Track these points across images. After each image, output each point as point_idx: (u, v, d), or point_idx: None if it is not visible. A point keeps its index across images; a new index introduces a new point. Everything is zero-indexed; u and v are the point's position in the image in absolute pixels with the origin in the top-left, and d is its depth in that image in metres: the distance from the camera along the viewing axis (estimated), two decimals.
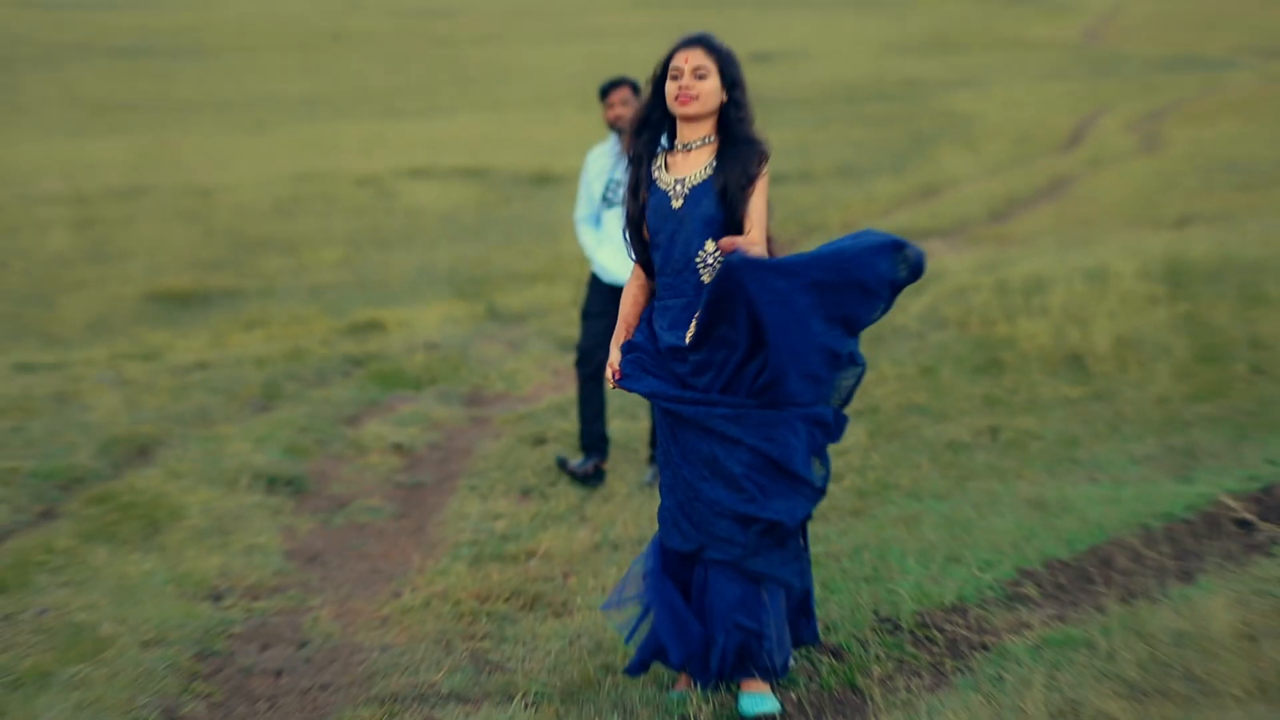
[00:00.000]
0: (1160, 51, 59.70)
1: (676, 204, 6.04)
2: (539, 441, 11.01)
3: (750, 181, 5.94)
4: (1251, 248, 13.95)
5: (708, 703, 6.00)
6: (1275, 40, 62.22)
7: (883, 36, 69.52)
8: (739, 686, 6.01)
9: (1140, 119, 38.04)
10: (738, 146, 5.98)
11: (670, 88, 5.99)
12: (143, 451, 10.47)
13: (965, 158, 31.80)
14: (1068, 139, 34.90)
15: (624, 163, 10.00)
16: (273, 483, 9.79)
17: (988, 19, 79.99)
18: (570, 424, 11.28)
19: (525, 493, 9.83)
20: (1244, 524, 7.62)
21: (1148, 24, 74.76)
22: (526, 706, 6.11)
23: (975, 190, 27.54)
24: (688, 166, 6.04)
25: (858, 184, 29.01)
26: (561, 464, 10.10)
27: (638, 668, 6.21)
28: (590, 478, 10.01)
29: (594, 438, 10.14)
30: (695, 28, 6.33)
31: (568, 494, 9.70)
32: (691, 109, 5.96)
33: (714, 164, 5.99)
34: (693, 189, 6.01)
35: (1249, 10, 79.57)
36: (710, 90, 5.97)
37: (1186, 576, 7.03)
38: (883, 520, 8.32)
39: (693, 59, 5.96)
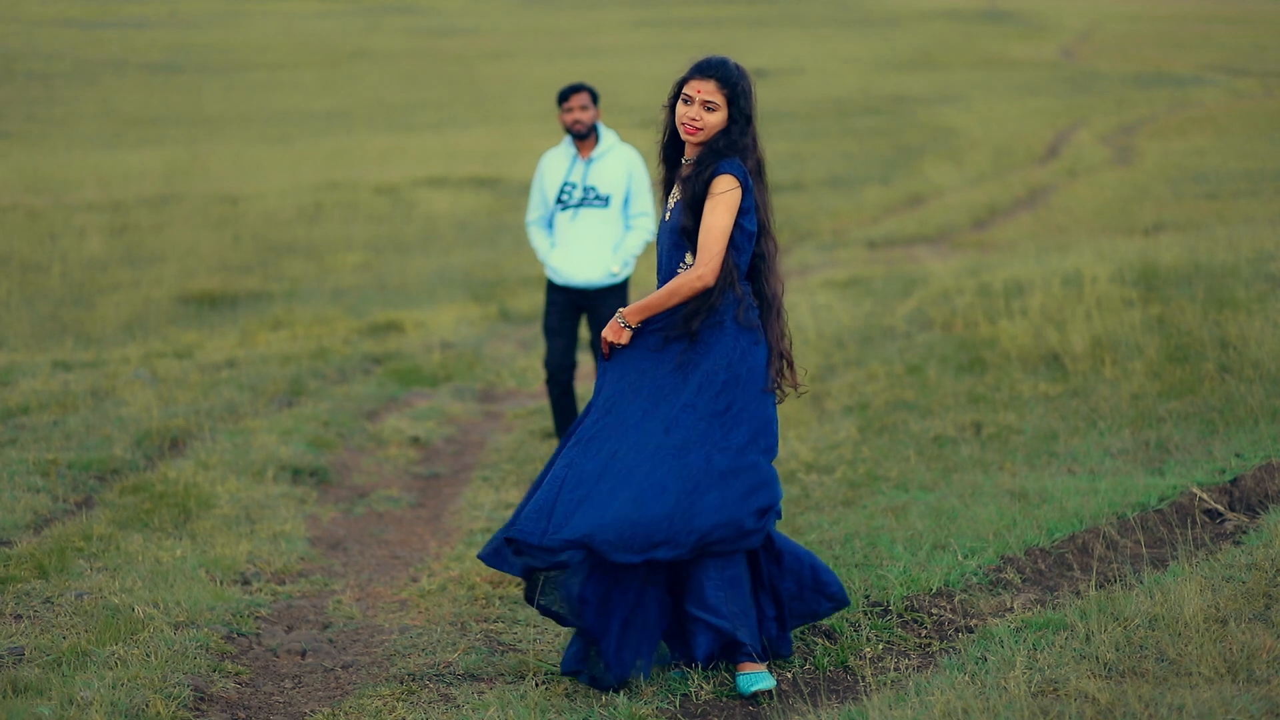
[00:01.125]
0: (1133, 69, 59.65)
1: (667, 217, 6.04)
2: (548, 435, 11.00)
3: (697, 196, 5.89)
4: (1219, 254, 13.92)
5: (709, 681, 5.99)
6: (1241, 59, 62.18)
7: (871, 55, 69.48)
8: (735, 667, 5.99)
9: (1114, 133, 38.02)
10: (702, 165, 5.94)
11: (681, 111, 5.96)
12: (175, 444, 10.46)
13: (949, 169, 31.79)
14: (1045, 152, 34.88)
15: (578, 165, 9.93)
16: (298, 474, 9.78)
17: (970, 38, 79.92)
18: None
19: None
20: (1213, 514, 7.61)
21: (1121, 43, 74.71)
22: (537, 685, 6.10)
23: (959, 199, 27.53)
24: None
25: (848, 193, 29.01)
26: None
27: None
28: None
29: None
30: (694, 47, 6.32)
31: None
32: (696, 139, 5.95)
33: None
34: (675, 203, 6.01)
35: (1216, 31, 79.50)
36: (716, 122, 5.93)
37: (1159, 563, 7.02)
38: (872, 510, 8.31)
39: (705, 91, 5.91)
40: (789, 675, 6.11)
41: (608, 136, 9.95)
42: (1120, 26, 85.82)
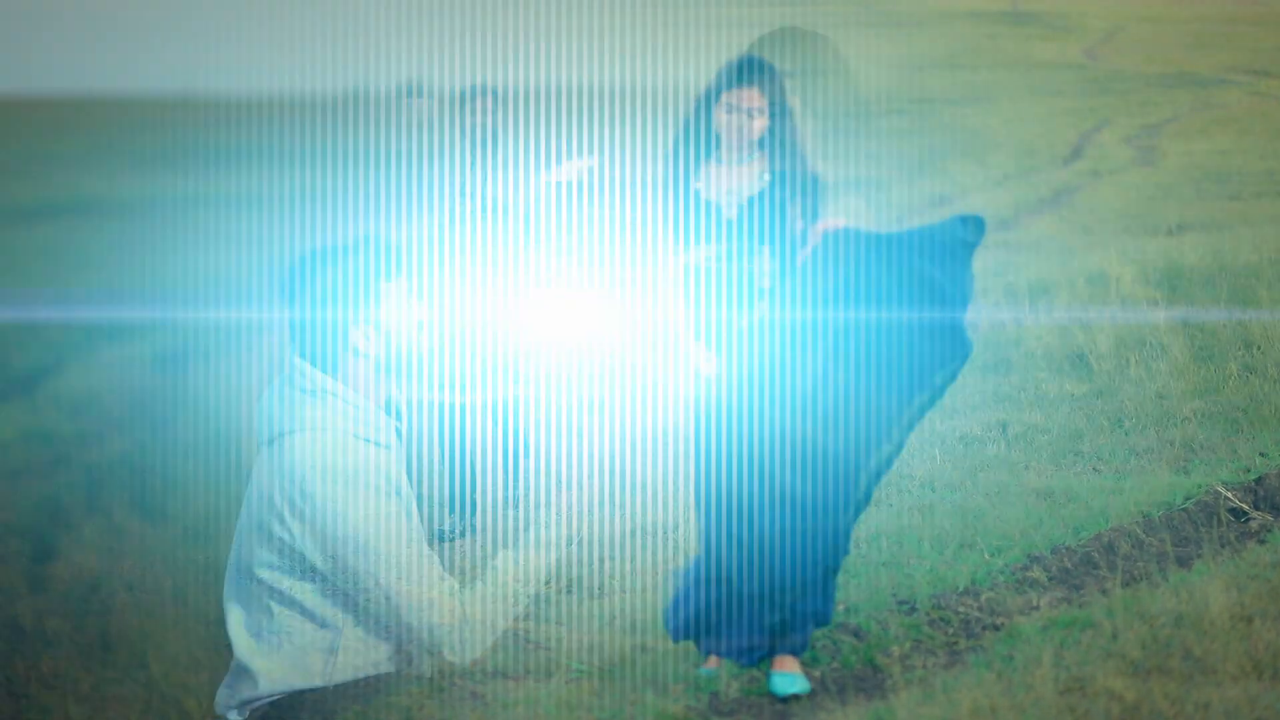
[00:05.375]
0: (1156, 70, 59.47)
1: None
2: None
3: None
4: (1243, 254, 13.89)
5: (736, 679, 5.99)
6: (1264, 60, 61.97)
7: (895, 56, 69.36)
8: (770, 665, 5.97)
9: (1138, 133, 37.90)
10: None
11: (727, 120, 5.82)
12: None
13: (973, 169, 31.71)
14: (1069, 152, 34.78)
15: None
16: None
17: (994, 39, 79.78)
18: None
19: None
20: (1238, 512, 7.60)
21: (1144, 44, 74.50)
22: (566, 683, 6.10)
23: (983, 200, 27.46)
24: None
25: (872, 194, 28.95)
26: None
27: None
28: None
29: None
30: (717, 47, 6.26)
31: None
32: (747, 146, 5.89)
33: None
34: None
35: (1239, 32, 79.25)
36: (762, 127, 5.86)
37: (1185, 562, 7.00)
38: (899, 509, 8.29)
39: (748, 99, 5.77)
40: (817, 674, 6.09)
41: None
42: (1143, 28, 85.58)
